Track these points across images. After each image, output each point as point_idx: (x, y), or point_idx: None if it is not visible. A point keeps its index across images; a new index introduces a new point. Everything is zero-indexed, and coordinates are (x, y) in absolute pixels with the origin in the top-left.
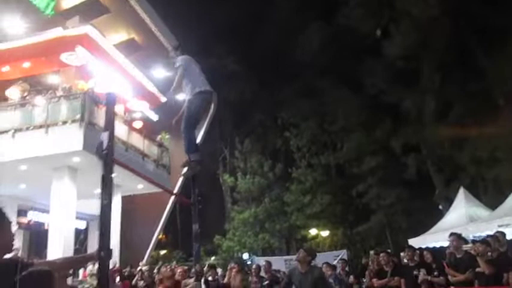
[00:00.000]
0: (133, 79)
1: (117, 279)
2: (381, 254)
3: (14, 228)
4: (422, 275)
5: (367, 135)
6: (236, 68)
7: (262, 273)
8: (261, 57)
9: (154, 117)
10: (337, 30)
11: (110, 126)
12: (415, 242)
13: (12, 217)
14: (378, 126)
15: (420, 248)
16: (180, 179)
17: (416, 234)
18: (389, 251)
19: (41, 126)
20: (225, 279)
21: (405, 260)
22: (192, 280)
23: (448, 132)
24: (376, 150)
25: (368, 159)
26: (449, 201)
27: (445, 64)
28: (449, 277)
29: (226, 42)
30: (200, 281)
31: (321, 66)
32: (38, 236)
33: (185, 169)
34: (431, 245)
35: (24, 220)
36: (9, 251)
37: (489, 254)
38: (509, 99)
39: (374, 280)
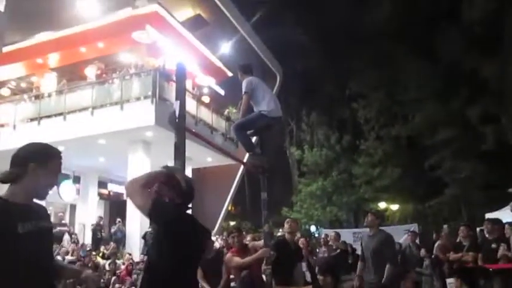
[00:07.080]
0: (200, 54)
1: None
2: (461, 228)
3: (96, 198)
4: (502, 249)
5: (442, 106)
6: (303, 38)
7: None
8: (329, 27)
9: (221, 91)
10: None
11: (181, 95)
12: (493, 216)
13: (94, 188)
14: (453, 96)
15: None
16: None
17: (494, 209)
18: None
19: (116, 103)
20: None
21: (486, 234)
22: (261, 242)
23: None
24: (451, 121)
25: (442, 131)
26: None
27: None
28: None
29: (294, 12)
30: (270, 241)
31: (392, 34)
32: (117, 206)
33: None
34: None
35: (104, 191)
36: (43, 196)
37: None
38: None
39: (451, 253)
